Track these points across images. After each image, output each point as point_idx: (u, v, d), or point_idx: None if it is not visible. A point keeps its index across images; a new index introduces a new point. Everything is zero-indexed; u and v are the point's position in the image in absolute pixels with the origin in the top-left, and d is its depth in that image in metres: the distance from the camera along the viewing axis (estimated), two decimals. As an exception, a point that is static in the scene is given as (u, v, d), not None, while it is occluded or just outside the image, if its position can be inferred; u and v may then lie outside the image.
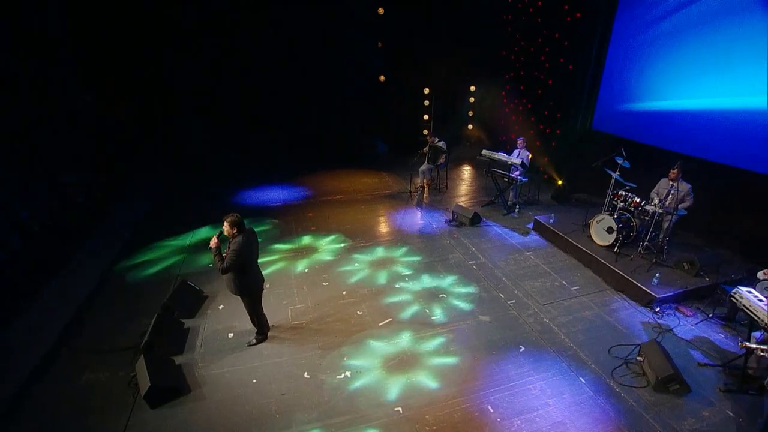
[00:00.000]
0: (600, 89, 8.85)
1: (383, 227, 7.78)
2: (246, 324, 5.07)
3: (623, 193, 6.39)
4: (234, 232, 4.17)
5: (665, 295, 5.36)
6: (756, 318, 4.01)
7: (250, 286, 4.47)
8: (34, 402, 4.06)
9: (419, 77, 11.39)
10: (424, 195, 9.30)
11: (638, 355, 4.56)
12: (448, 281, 6.03)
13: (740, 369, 4.23)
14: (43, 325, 5.05)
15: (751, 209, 6.12)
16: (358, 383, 4.30)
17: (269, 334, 4.91)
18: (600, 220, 6.49)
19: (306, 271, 6.26)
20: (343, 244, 7.04)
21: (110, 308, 5.47)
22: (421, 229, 7.71)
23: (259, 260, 6.59)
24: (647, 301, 5.42)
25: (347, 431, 3.77)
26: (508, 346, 4.83)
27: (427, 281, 6.03)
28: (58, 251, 6.22)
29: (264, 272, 6.20)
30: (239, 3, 9.91)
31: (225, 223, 4.18)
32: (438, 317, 5.28)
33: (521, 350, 4.77)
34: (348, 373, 4.41)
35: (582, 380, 4.36)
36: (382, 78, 11.11)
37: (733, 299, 4.34)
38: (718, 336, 4.97)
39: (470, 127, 12.34)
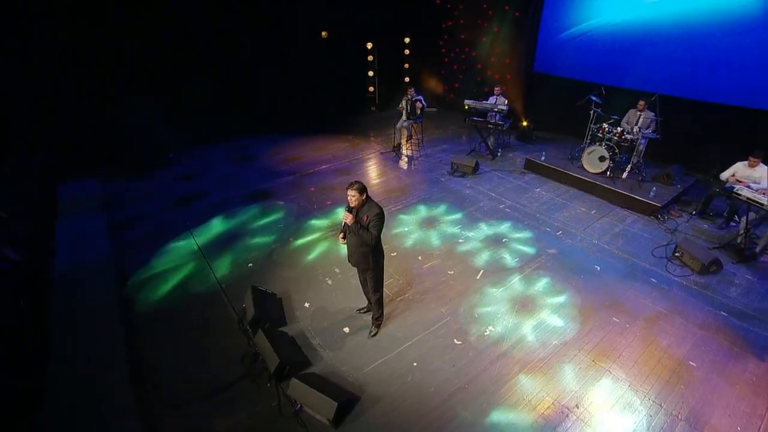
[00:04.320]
0: (539, 32, 9.81)
1: (395, 191, 7.54)
2: (349, 313, 4.64)
3: (606, 126, 7.49)
4: (363, 198, 3.76)
5: (663, 203, 6.69)
6: (759, 204, 5.42)
7: (383, 256, 4.10)
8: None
9: (360, 31, 10.73)
10: (408, 151, 9.20)
11: (675, 252, 5.72)
12: (504, 227, 6.38)
13: (735, 245, 5.73)
14: (107, 384, 3.69)
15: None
16: (500, 330, 4.44)
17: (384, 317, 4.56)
18: (591, 152, 7.53)
19: (364, 245, 5.81)
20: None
21: (162, 339, 4.26)
22: (434, 184, 7.75)
23: (302, 242, 5.92)
24: (651, 211, 6.69)
25: (540, 370, 3.93)
26: (587, 268, 5.48)
27: (486, 230, 6.27)
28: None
29: (311, 257, 5.65)
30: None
31: (352, 191, 3.69)
32: (513, 260, 5.60)
33: (598, 269, 5.48)
34: (491, 327, 4.48)
35: (653, 280, 5.30)
36: (324, 34, 10.11)
37: (736, 195, 5.70)
38: (704, 226, 6.52)
39: (407, 79, 12.32)
